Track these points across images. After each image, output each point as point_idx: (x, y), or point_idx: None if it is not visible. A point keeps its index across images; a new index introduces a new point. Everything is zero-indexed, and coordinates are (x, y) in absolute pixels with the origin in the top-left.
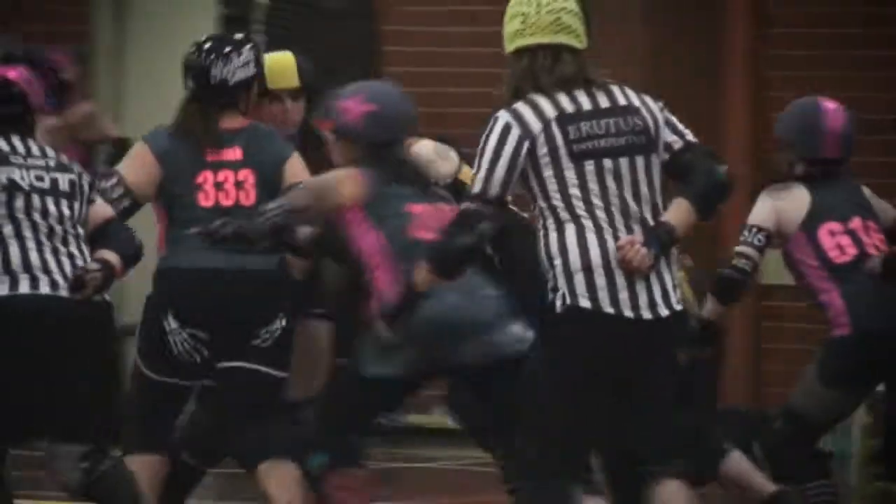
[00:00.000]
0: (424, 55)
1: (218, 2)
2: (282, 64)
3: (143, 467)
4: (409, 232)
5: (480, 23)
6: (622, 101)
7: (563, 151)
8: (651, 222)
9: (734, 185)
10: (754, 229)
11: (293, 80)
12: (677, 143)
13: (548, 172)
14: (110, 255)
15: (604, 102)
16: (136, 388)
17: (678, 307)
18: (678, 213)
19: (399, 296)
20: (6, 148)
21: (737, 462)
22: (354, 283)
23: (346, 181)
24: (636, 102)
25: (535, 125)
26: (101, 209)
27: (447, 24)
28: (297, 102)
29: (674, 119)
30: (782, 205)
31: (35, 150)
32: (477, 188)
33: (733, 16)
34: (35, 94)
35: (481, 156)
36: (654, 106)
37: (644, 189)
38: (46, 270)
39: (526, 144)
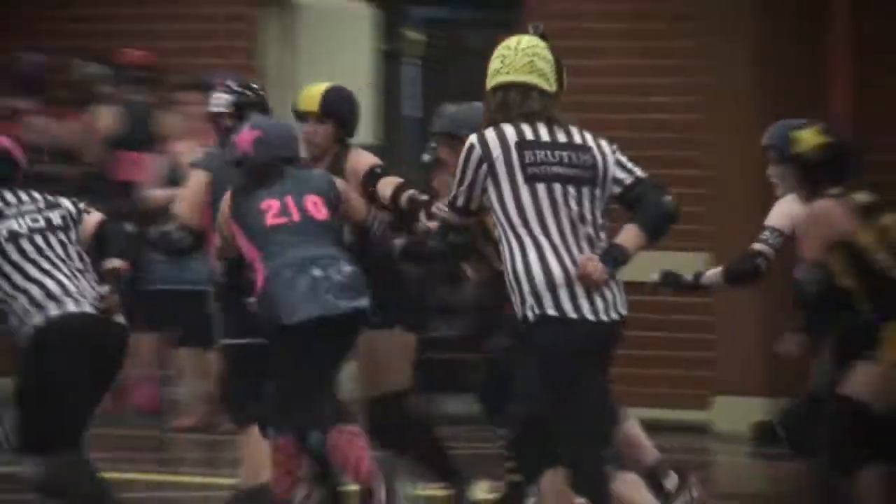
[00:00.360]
0: None
1: (375, 38)
2: (311, 91)
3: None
4: (265, 222)
5: (606, 56)
6: (578, 140)
7: (518, 173)
8: (597, 243)
9: (679, 213)
10: (776, 232)
11: (313, 106)
12: (628, 179)
13: (506, 190)
14: (116, 262)
15: (561, 138)
16: (234, 364)
17: (624, 312)
18: (630, 236)
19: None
20: (0, 204)
21: (630, 427)
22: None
23: (226, 201)
24: (590, 143)
25: (496, 149)
26: (91, 218)
27: (577, 56)
28: (320, 126)
29: (624, 159)
30: (798, 209)
31: (24, 197)
32: (450, 198)
33: (837, 40)
34: (19, 151)
35: (456, 172)
36: (607, 149)
37: (589, 216)
38: (82, 294)
39: (485, 165)
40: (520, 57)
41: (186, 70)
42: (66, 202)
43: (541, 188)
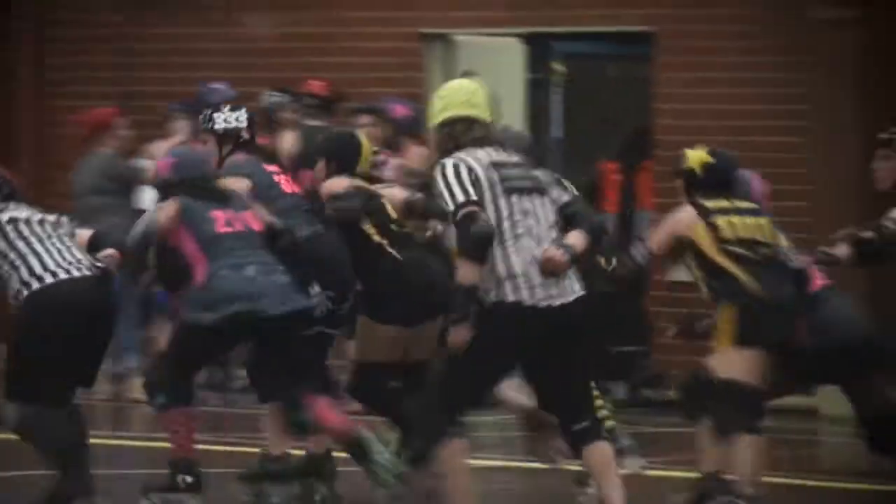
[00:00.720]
0: (687, 111)
1: (525, 69)
2: None
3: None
4: (215, 229)
5: (732, 85)
6: (521, 160)
7: (499, 187)
8: (552, 242)
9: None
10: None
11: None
12: (567, 196)
13: (487, 200)
14: (110, 251)
15: (512, 159)
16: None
17: (579, 293)
18: (576, 239)
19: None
20: (2, 205)
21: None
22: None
23: (166, 208)
24: (529, 163)
25: (477, 166)
26: (83, 232)
27: (696, 86)
28: (318, 163)
29: (559, 178)
30: None
31: (23, 205)
32: (460, 200)
33: None
34: (12, 175)
35: (446, 188)
36: (542, 171)
37: (547, 218)
38: (59, 265)
39: (472, 174)
40: (460, 96)
41: (361, 98)
42: (62, 217)
43: (515, 199)
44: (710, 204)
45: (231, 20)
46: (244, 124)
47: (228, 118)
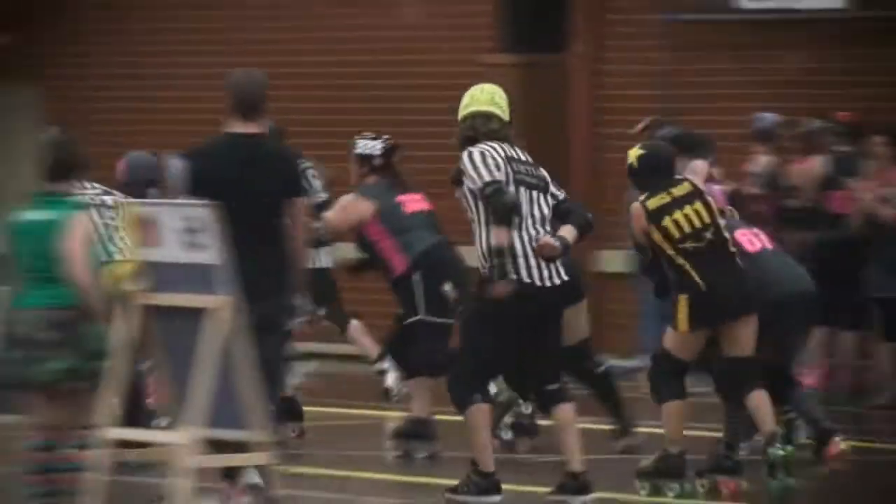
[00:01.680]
0: None
1: None
2: None
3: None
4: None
5: None
6: (531, 160)
7: (510, 178)
8: (550, 231)
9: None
10: None
11: None
12: (562, 195)
13: None
14: None
15: (523, 157)
16: (423, 332)
17: (566, 278)
18: (568, 233)
19: None
20: None
21: None
22: None
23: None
24: (536, 163)
25: (499, 157)
26: None
27: None
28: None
29: (554, 181)
30: None
31: None
32: (486, 179)
33: None
34: None
35: (474, 170)
36: (544, 171)
37: (546, 212)
38: None
39: (495, 162)
40: (484, 95)
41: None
42: None
43: (522, 190)
44: (653, 204)
45: (763, 57)
46: (378, 152)
47: (366, 145)
